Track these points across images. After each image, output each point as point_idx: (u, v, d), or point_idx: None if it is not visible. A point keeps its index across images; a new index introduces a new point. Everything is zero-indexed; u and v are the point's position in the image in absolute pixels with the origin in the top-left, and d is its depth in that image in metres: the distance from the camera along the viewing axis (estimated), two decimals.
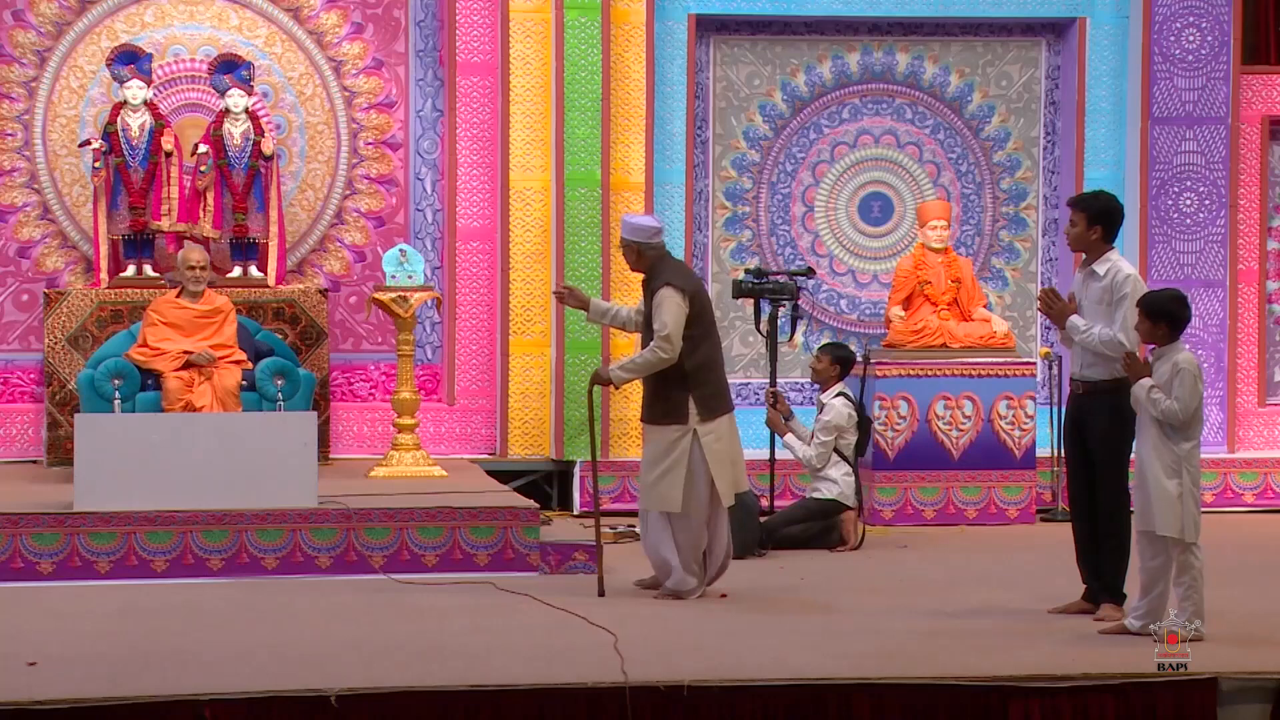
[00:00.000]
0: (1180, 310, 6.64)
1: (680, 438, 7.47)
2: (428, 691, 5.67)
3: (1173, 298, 6.71)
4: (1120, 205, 7.30)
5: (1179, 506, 6.46)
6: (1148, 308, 6.64)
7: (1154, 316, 6.60)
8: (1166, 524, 6.47)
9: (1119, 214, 7.21)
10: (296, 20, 11.02)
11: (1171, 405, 6.46)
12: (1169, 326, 6.60)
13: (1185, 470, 6.48)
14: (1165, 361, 6.56)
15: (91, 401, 9.37)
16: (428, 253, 10.98)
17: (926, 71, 11.50)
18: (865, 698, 5.80)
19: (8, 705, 5.43)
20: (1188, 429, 6.50)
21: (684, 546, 7.53)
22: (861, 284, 11.57)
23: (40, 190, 10.80)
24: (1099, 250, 7.10)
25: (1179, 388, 6.47)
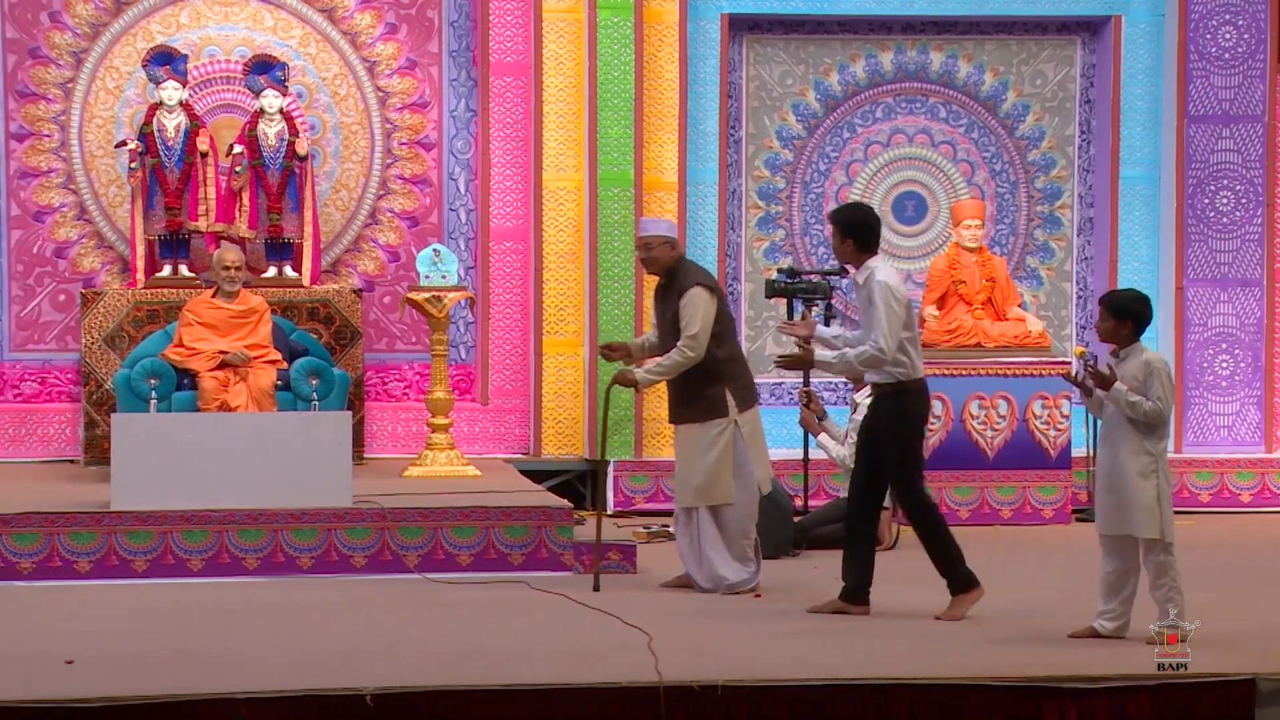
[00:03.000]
0: (1145, 310, 6.55)
1: (723, 430, 7.56)
2: (462, 691, 5.68)
3: (1136, 298, 6.62)
4: (872, 215, 7.31)
5: (1157, 508, 6.39)
6: (1112, 307, 6.55)
7: (1119, 316, 6.52)
8: (1146, 527, 6.38)
9: (868, 224, 7.20)
10: (331, 21, 11.05)
11: (1155, 406, 6.38)
12: (1134, 326, 6.52)
13: (1160, 470, 6.42)
14: (1132, 362, 6.47)
15: (128, 401, 9.42)
16: (461, 253, 11.01)
17: (961, 70, 11.46)
18: (901, 698, 5.78)
19: (46, 703, 5.46)
20: (1164, 426, 6.44)
21: (734, 537, 7.62)
22: None
23: (77, 191, 10.87)
24: (858, 260, 7.15)
25: (1157, 387, 6.38)
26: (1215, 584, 8.07)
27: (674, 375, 7.60)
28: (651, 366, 7.73)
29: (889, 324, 6.90)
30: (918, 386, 7.09)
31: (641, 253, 7.80)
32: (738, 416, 7.60)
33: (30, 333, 10.84)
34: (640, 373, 7.73)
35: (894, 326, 6.90)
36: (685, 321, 7.52)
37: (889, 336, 6.90)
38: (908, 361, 7.02)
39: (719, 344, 7.58)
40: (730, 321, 7.77)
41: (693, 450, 7.62)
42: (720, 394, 7.58)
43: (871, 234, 7.18)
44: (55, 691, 5.57)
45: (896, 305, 6.94)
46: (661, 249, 7.71)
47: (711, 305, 7.57)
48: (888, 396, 7.07)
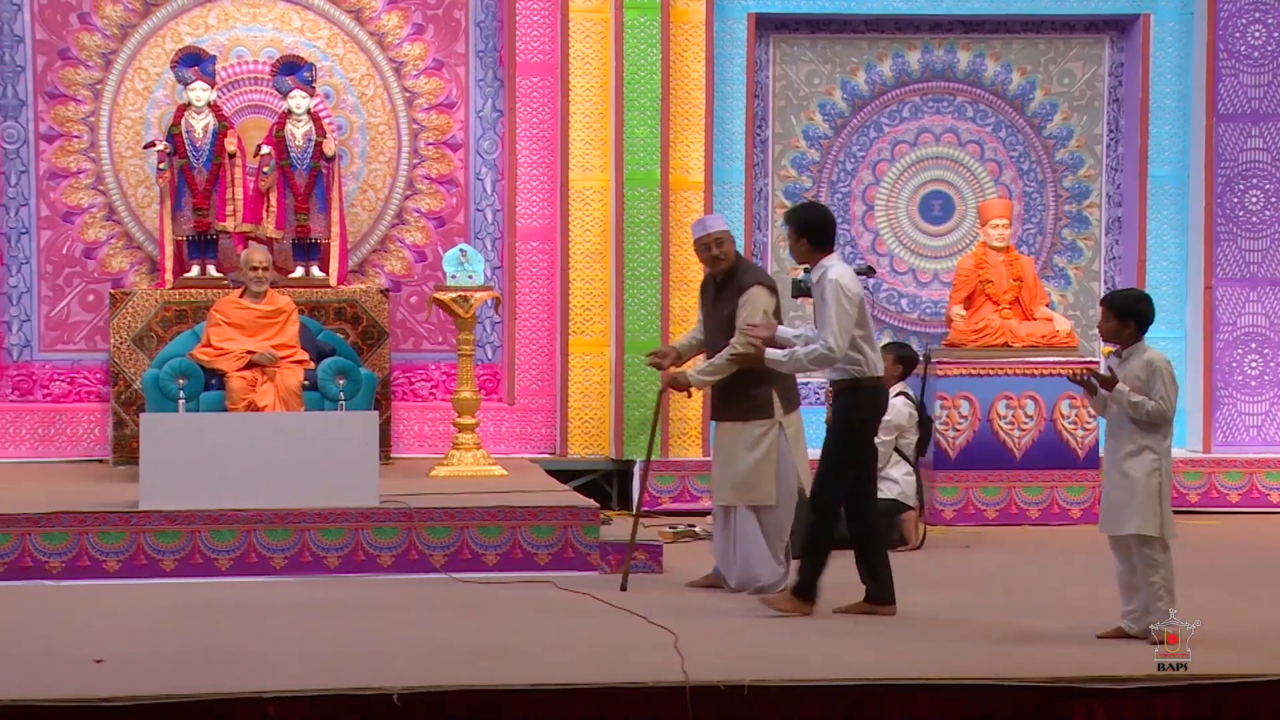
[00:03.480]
0: (1147, 310, 6.55)
1: (768, 431, 7.56)
2: (489, 690, 5.68)
3: (1139, 298, 6.63)
4: (826, 214, 7.30)
5: (1160, 506, 6.38)
6: (1114, 307, 6.55)
7: (1122, 315, 6.52)
8: (1146, 524, 6.38)
9: (822, 223, 7.19)
10: (358, 22, 11.08)
11: (1158, 405, 6.37)
12: (1136, 326, 6.52)
13: (1164, 469, 6.41)
14: (1135, 361, 6.47)
15: (156, 401, 9.45)
16: (488, 252, 11.02)
17: (988, 69, 11.44)
18: (927, 698, 5.77)
19: (75, 702, 5.48)
20: (1167, 425, 6.43)
21: (771, 537, 7.61)
22: (922, 283, 11.52)
23: (106, 192, 10.91)
24: (813, 259, 7.18)
25: (1160, 386, 6.38)
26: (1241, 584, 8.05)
27: (728, 374, 7.58)
28: (704, 366, 7.66)
29: (839, 322, 6.93)
30: (872, 384, 7.12)
31: (714, 249, 7.68)
32: (782, 418, 7.59)
33: (59, 333, 10.90)
34: (692, 374, 7.69)
35: (844, 324, 6.93)
36: (744, 319, 7.50)
37: (839, 335, 6.93)
38: (862, 359, 7.06)
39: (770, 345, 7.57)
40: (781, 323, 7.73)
41: (735, 448, 7.61)
42: (767, 395, 7.56)
43: (825, 232, 7.19)
44: (85, 690, 5.60)
45: (848, 304, 6.95)
46: (730, 245, 7.71)
47: (771, 304, 7.58)
48: (841, 393, 7.14)
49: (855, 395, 7.08)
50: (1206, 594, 7.72)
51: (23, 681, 5.76)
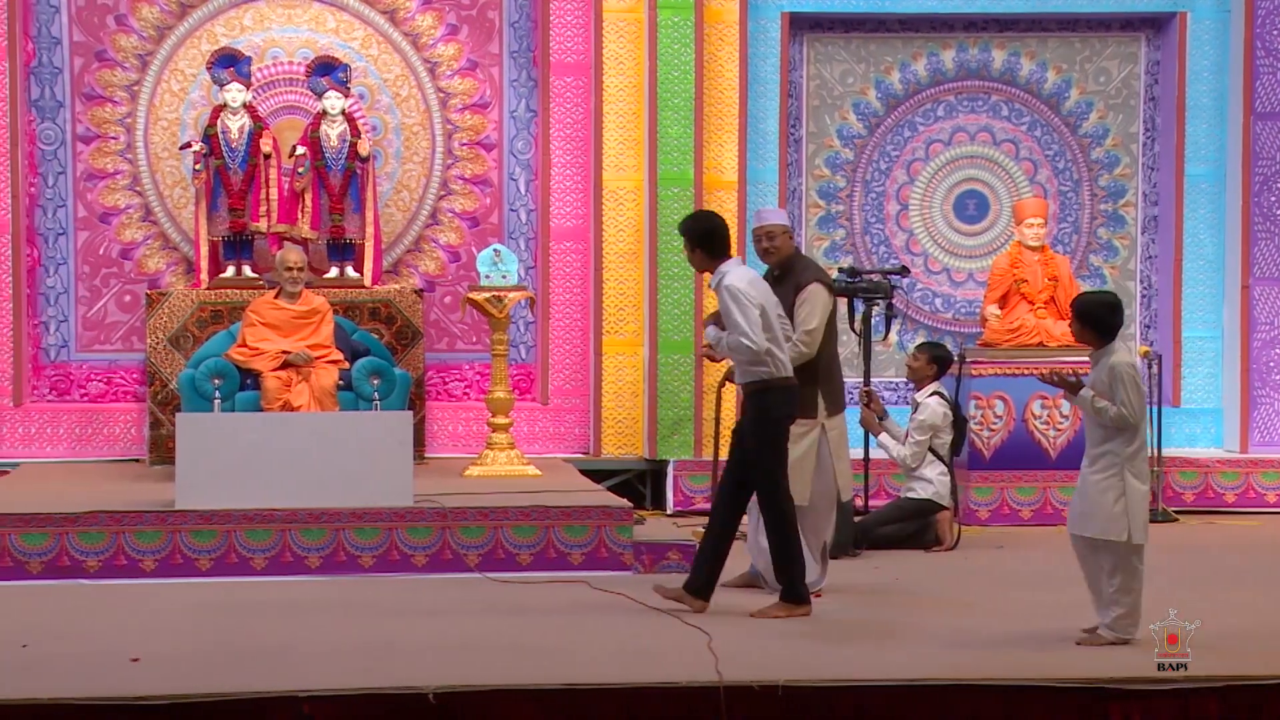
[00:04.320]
0: (1109, 316, 6.50)
1: (809, 432, 7.55)
2: (523, 690, 5.69)
3: (1102, 303, 6.59)
4: (715, 221, 7.31)
5: (1121, 510, 6.36)
6: (1077, 311, 6.56)
7: (1082, 320, 6.52)
8: (1108, 528, 6.38)
9: (712, 231, 7.21)
10: (392, 22, 11.11)
11: (1120, 411, 6.36)
12: (1095, 330, 6.49)
13: (1128, 472, 6.38)
14: (1101, 367, 6.46)
15: (192, 401, 9.49)
16: (521, 253, 11.03)
17: (1023, 68, 11.40)
18: (963, 699, 5.75)
19: (112, 700, 5.51)
20: (1135, 429, 6.40)
21: (808, 537, 7.59)
22: (957, 282, 11.49)
23: (142, 193, 10.97)
24: (710, 266, 7.22)
25: (1122, 392, 6.36)
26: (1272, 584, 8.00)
27: None
28: None
29: (746, 321, 6.97)
30: (782, 385, 7.13)
31: (764, 242, 7.68)
32: (825, 420, 7.59)
33: (96, 333, 10.96)
34: None
35: (751, 320, 6.98)
36: (802, 317, 7.49)
37: (750, 331, 6.98)
38: (770, 361, 7.07)
39: (822, 345, 7.56)
40: (835, 325, 7.73)
41: None
42: (812, 395, 7.55)
43: (717, 240, 7.21)
44: (121, 689, 5.62)
45: (748, 305, 6.99)
46: (784, 239, 7.68)
47: (829, 303, 7.57)
48: (751, 395, 7.16)
49: (765, 398, 7.11)
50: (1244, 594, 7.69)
51: (60, 680, 5.79)
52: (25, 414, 10.69)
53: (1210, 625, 6.44)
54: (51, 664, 6.09)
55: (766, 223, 7.75)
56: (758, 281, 7.16)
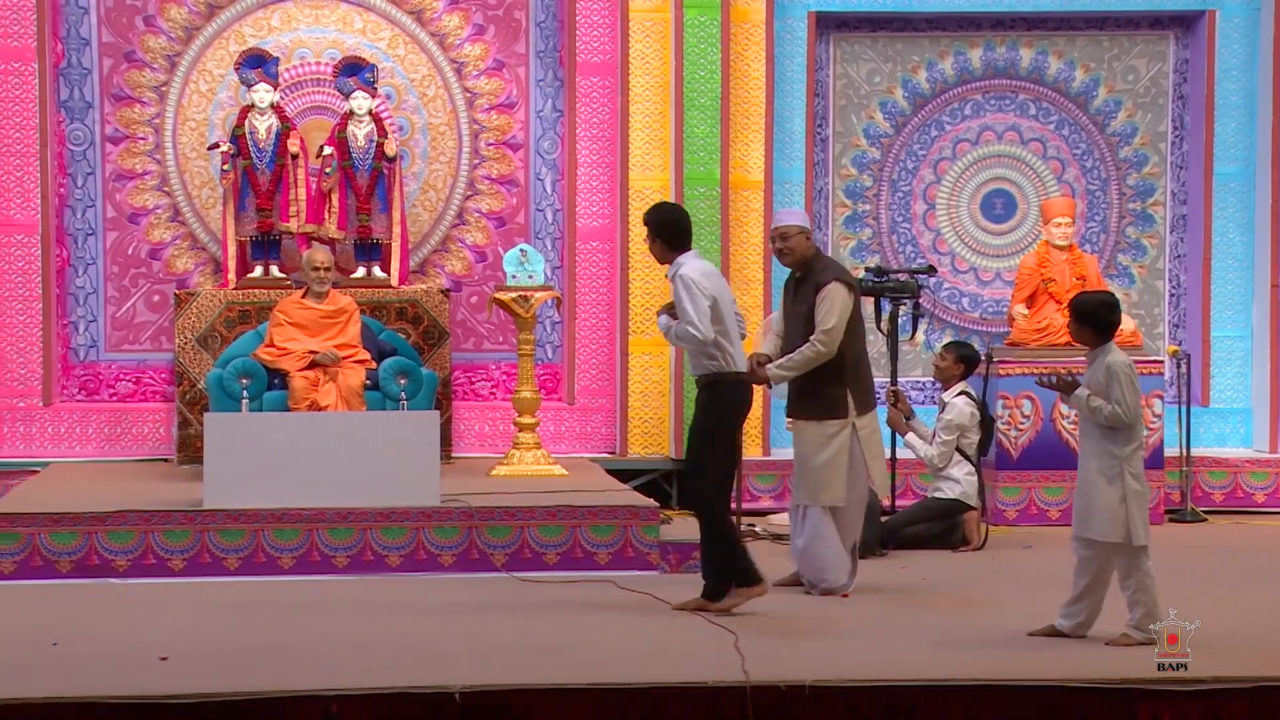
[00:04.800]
0: (1107, 314, 6.52)
1: (840, 431, 7.55)
2: (549, 689, 5.69)
3: (1100, 301, 6.61)
4: (678, 213, 7.37)
5: (1122, 511, 6.36)
6: (1074, 309, 6.57)
7: (1080, 318, 6.53)
8: (1108, 530, 6.38)
9: (674, 222, 7.28)
10: (419, 23, 11.13)
11: (1115, 410, 6.35)
12: (1093, 329, 6.50)
13: (1127, 473, 6.38)
14: (1097, 366, 6.46)
15: (220, 400, 9.52)
16: (548, 252, 11.04)
17: (1051, 66, 11.36)
18: (990, 699, 5.73)
19: (141, 699, 5.53)
20: (1132, 429, 6.40)
21: (843, 539, 7.60)
22: (984, 282, 11.45)
23: (171, 193, 11.01)
24: (669, 257, 7.26)
25: (1117, 390, 6.36)
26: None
27: (805, 370, 7.54)
28: (783, 362, 7.62)
29: (694, 310, 7.04)
30: (732, 379, 7.16)
31: (778, 244, 7.71)
32: (856, 419, 7.58)
33: (125, 333, 11.00)
34: (772, 369, 7.66)
35: (700, 310, 7.04)
36: (821, 316, 7.49)
37: (698, 320, 7.04)
38: (720, 355, 7.11)
39: (848, 344, 7.55)
40: (861, 323, 7.71)
41: (808, 446, 7.60)
42: (842, 394, 7.56)
43: (678, 231, 7.26)
44: (150, 687, 5.65)
45: (699, 295, 7.05)
46: (798, 240, 7.68)
47: (849, 302, 7.55)
48: (702, 388, 7.21)
49: (716, 390, 7.15)
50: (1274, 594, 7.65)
51: (90, 678, 5.82)
52: (55, 414, 10.74)
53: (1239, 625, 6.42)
54: (81, 662, 6.12)
55: (780, 224, 7.78)
56: (714, 275, 7.25)
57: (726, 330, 7.14)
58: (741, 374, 7.20)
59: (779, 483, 10.44)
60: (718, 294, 7.13)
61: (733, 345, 7.16)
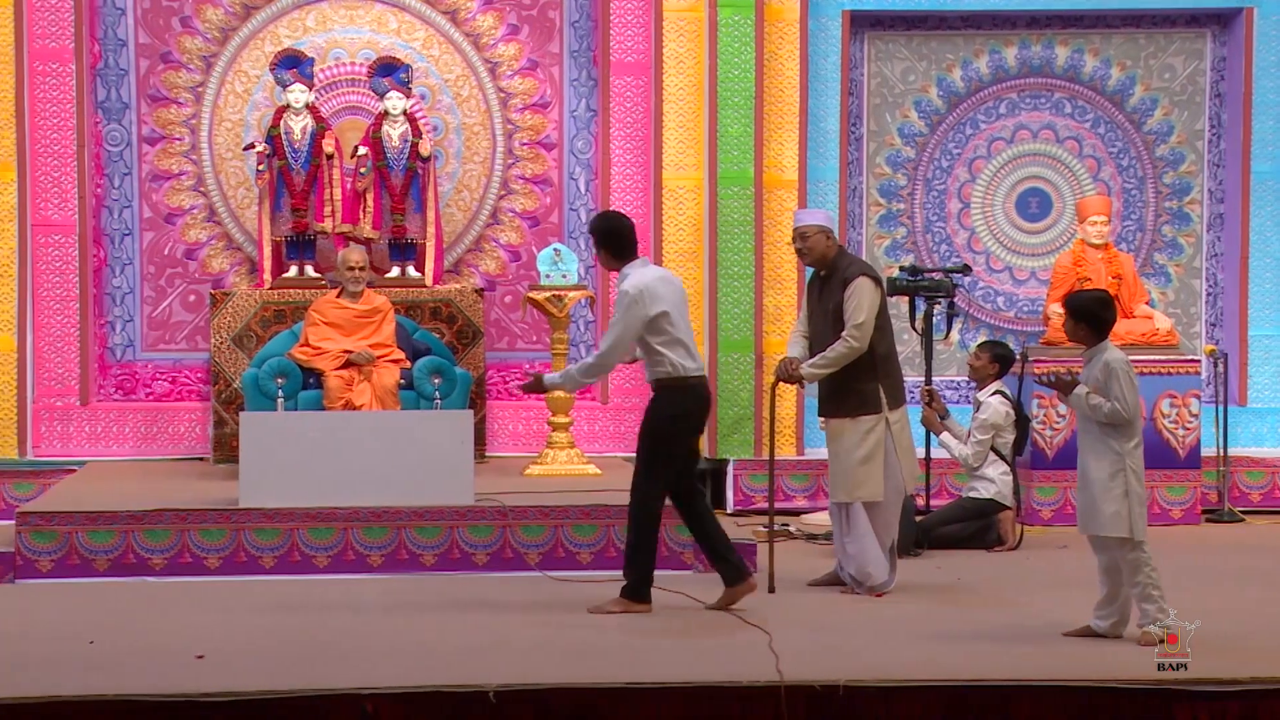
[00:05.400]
0: (1103, 312, 6.55)
1: (875, 426, 7.55)
2: (584, 688, 5.70)
3: (1096, 299, 6.64)
4: (622, 222, 7.36)
5: (1124, 508, 6.37)
6: (1071, 307, 6.57)
7: (1076, 316, 6.55)
8: (1112, 526, 6.40)
9: (618, 231, 7.29)
10: (454, 23, 11.15)
11: (1114, 407, 6.37)
12: (1089, 327, 6.51)
13: (1129, 469, 6.39)
14: (1095, 364, 6.49)
15: (255, 400, 9.56)
16: (582, 252, 11.04)
17: (1087, 64, 11.30)
18: (1026, 699, 5.71)
19: (177, 697, 5.56)
20: (1131, 425, 6.41)
21: (880, 536, 7.59)
22: (1019, 281, 11.41)
23: (206, 193, 11.06)
24: (616, 265, 7.27)
25: (1116, 387, 6.38)
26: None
27: (839, 367, 7.53)
28: (815, 360, 7.62)
29: (614, 332, 7.12)
30: (680, 384, 7.15)
31: (797, 243, 7.75)
32: (889, 414, 7.58)
33: (161, 333, 11.06)
34: (805, 367, 7.65)
35: (620, 336, 7.10)
36: (850, 311, 7.49)
37: (610, 343, 7.13)
38: (665, 361, 7.12)
39: (878, 339, 7.56)
40: (889, 318, 7.71)
41: (842, 445, 7.59)
42: (874, 390, 7.55)
43: (622, 240, 7.25)
44: (186, 686, 5.67)
45: (635, 311, 7.06)
46: (816, 239, 7.68)
47: (876, 296, 7.55)
48: (655, 394, 7.22)
49: (664, 395, 7.17)
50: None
51: (126, 676, 5.85)
52: (92, 413, 10.80)
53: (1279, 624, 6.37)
54: (117, 661, 6.15)
55: (798, 224, 7.81)
56: (667, 281, 7.24)
57: (674, 338, 7.14)
58: (689, 380, 7.17)
59: (813, 482, 10.41)
60: (669, 301, 7.13)
61: (678, 351, 7.14)
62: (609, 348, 7.17)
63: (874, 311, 7.52)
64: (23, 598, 7.64)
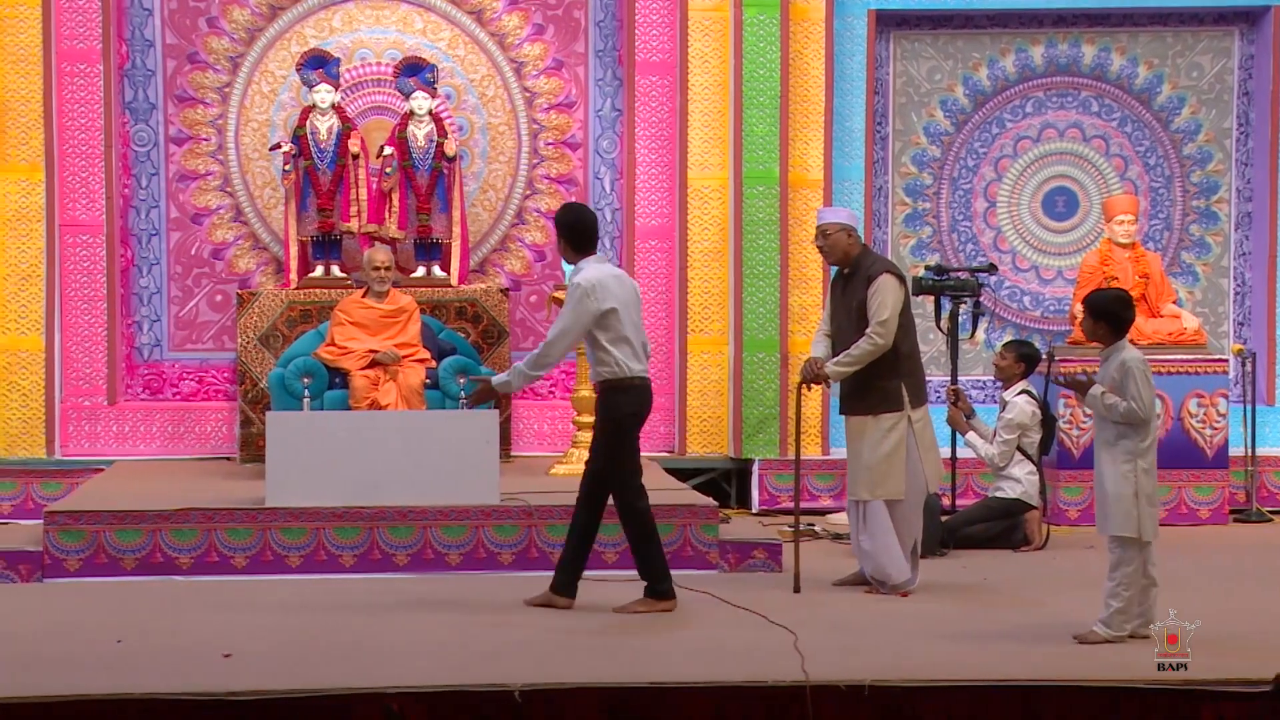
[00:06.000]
0: (1122, 311, 6.56)
1: (897, 424, 7.55)
2: (609, 687, 5.70)
3: (1116, 298, 6.64)
4: (584, 214, 7.34)
5: (1135, 507, 6.38)
6: (1090, 306, 6.57)
7: (1095, 315, 6.55)
8: (1122, 525, 6.41)
9: (579, 223, 7.25)
10: (479, 23, 11.16)
11: (1130, 406, 6.37)
12: (1109, 326, 6.52)
13: (1140, 469, 6.40)
14: (1111, 363, 6.49)
15: (282, 399, 9.58)
16: (607, 251, 11.04)
17: (1114, 63, 11.26)
18: (1051, 700, 5.70)
19: (204, 695, 5.58)
20: (1145, 425, 6.40)
21: (903, 535, 7.56)
22: (1045, 280, 11.37)
23: (233, 193, 11.09)
24: (574, 258, 7.27)
25: (1132, 386, 6.37)
26: None
27: (864, 364, 7.53)
28: (840, 358, 7.61)
29: (561, 325, 7.11)
30: (625, 385, 7.15)
31: (819, 240, 7.78)
32: (911, 412, 7.57)
33: (188, 332, 11.10)
34: (830, 366, 7.64)
35: (566, 329, 7.09)
36: (874, 309, 7.49)
37: (557, 333, 7.11)
38: (611, 360, 7.11)
39: (901, 336, 7.56)
40: (911, 316, 7.71)
41: (864, 442, 7.58)
42: (896, 388, 7.55)
43: (582, 233, 7.25)
44: (213, 685, 5.69)
45: (586, 304, 7.05)
46: (837, 237, 7.68)
47: (900, 293, 7.55)
48: (600, 395, 7.21)
49: (611, 397, 7.16)
50: None
51: (153, 675, 5.87)
52: (119, 412, 10.84)
53: None
54: (145, 659, 6.18)
55: (820, 221, 7.83)
56: (621, 280, 7.24)
57: (622, 336, 7.14)
58: (634, 380, 7.16)
59: (838, 482, 10.40)
60: (620, 299, 7.14)
61: (625, 351, 7.14)
62: (555, 338, 7.15)
63: (898, 309, 7.52)
64: (51, 597, 7.68)
